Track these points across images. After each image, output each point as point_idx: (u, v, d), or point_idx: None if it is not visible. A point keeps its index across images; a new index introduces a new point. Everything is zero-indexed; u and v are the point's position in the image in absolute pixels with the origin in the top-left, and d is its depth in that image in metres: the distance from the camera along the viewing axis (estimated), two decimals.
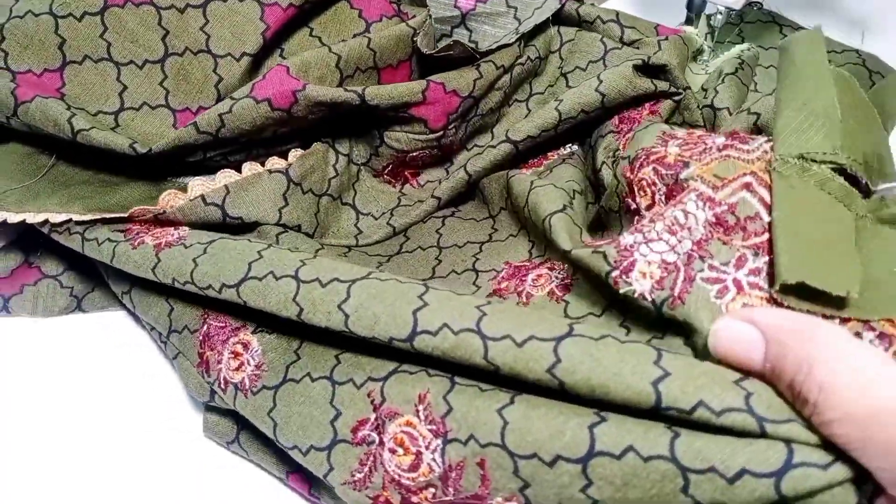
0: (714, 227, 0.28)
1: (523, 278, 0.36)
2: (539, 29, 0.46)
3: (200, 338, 0.35)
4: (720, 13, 0.51)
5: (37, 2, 0.40)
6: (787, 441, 0.21)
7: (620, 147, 0.40)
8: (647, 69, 0.42)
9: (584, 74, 0.45)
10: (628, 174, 0.33)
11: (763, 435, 0.22)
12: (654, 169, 0.31)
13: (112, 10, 0.41)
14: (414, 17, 0.44)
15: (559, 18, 0.47)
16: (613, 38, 0.46)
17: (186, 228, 0.37)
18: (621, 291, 0.28)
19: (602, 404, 0.24)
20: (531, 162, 0.45)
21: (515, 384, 0.26)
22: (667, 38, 0.45)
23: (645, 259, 0.28)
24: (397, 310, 0.27)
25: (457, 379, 0.27)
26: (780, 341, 0.22)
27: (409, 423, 0.27)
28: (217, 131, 0.38)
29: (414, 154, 0.43)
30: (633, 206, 0.32)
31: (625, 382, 0.23)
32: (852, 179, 0.28)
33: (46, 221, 0.37)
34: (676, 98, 0.42)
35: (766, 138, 0.30)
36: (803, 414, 0.21)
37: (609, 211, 0.37)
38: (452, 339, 0.26)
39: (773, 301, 0.25)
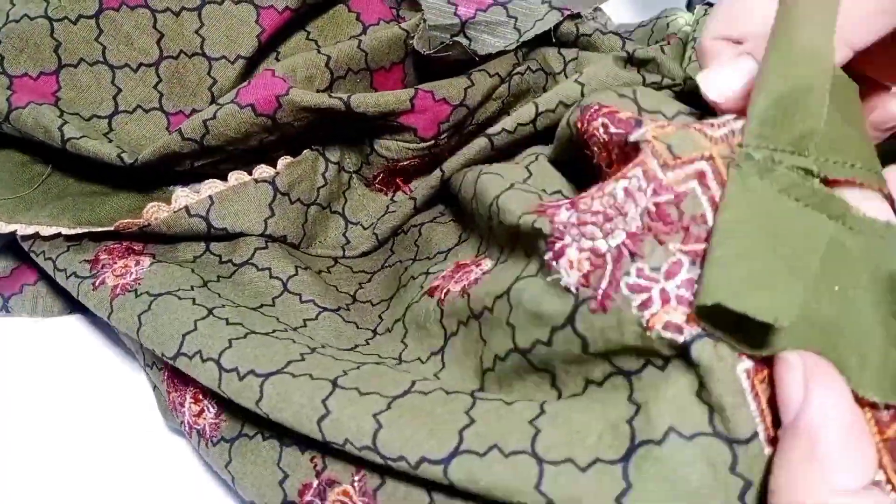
0: (653, 220, 0.24)
1: (458, 278, 0.35)
2: (539, 44, 0.45)
3: (165, 376, 0.36)
4: None
5: (32, 5, 0.40)
6: None
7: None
8: (634, 61, 0.39)
9: None
10: (580, 124, 0.30)
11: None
12: (603, 123, 0.28)
13: (107, 13, 0.41)
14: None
15: (558, 40, 0.45)
16: (615, 50, 0.44)
17: (146, 263, 0.37)
18: (548, 279, 0.26)
19: None
20: None
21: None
22: (668, 43, 0.44)
23: (577, 245, 0.26)
24: (303, 418, 0.28)
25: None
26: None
27: (345, 493, 0.28)
28: (202, 138, 0.38)
29: (405, 163, 0.43)
30: (594, 160, 0.30)
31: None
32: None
33: (37, 234, 0.38)
34: (676, 89, 0.39)
35: (734, 116, 0.25)
36: None
37: (563, 164, 0.35)
38: (356, 452, 0.27)
39: (694, 320, 0.23)
